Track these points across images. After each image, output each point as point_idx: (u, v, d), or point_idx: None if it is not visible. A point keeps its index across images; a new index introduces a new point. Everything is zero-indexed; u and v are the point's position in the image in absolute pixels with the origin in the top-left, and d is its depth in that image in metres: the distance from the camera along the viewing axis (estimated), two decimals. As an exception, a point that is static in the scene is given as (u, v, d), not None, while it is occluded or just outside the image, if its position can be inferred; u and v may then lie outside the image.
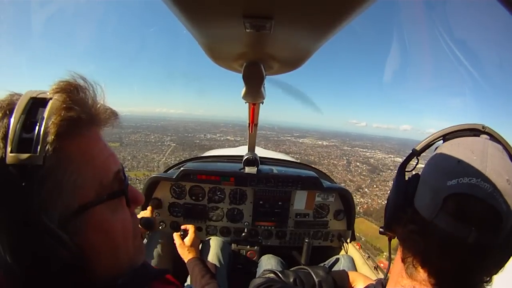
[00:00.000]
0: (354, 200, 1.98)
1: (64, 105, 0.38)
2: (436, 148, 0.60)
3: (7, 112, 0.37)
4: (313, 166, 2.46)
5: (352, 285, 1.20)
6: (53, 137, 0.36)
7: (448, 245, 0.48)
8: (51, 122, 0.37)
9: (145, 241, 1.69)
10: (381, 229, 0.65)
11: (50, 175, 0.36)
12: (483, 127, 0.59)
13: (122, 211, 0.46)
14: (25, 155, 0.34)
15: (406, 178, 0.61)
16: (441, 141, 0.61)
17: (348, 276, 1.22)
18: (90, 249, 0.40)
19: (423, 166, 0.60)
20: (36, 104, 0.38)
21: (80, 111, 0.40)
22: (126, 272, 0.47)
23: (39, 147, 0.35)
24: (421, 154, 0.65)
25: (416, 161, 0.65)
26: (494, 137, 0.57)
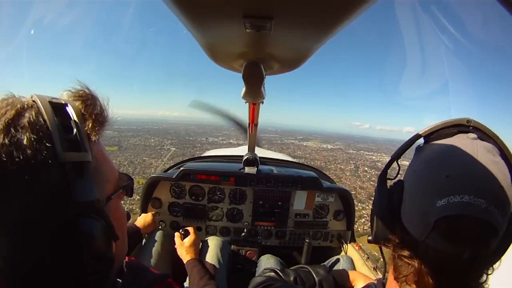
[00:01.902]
0: (366, 210, 1.97)
1: (89, 111, 0.44)
2: (418, 148, 0.56)
3: (37, 116, 0.39)
4: (313, 166, 2.46)
5: (353, 284, 1.20)
6: (92, 138, 0.43)
7: (443, 264, 0.46)
8: (86, 125, 0.43)
9: (144, 241, 1.69)
10: (369, 239, 0.62)
11: (95, 169, 0.43)
12: (468, 121, 0.54)
13: (120, 203, 0.53)
14: (76, 154, 0.40)
15: (389, 187, 0.56)
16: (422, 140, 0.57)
17: (348, 275, 1.22)
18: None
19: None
20: (58, 108, 0.42)
21: (101, 117, 0.46)
22: (122, 260, 0.54)
23: (84, 147, 0.41)
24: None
25: (398, 168, 0.60)
26: (481, 131, 0.53)
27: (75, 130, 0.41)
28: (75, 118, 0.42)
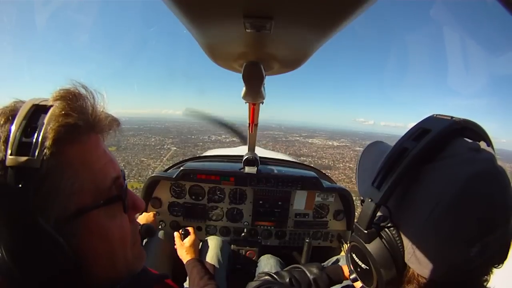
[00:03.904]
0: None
1: (63, 112, 0.39)
2: (412, 175, 0.42)
3: (10, 118, 0.39)
4: (313, 166, 2.45)
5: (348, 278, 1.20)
6: (50, 142, 0.37)
7: None
8: (49, 127, 0.38)
9: (145, 241, 1.69)
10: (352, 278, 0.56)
11: (47, 179, 0.37)
12: (458, 122, 0.43)
13: (120, 217, 0.46)
14: (23, 158, 0.36)
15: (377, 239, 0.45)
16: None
17: (342, 270, 1.21)
18: (87, 254, 0.41)
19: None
20: (38, 111, 0.40)
21: (77, 117, 0.40)
22: (124, 278, 0.47)
23: (37, 151, 0.37)
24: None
25: (389, 213, 0.45)
26: (476, 133, 0.44)
27: (36, 134, 0.38)
28: (45, 121, 0.38)
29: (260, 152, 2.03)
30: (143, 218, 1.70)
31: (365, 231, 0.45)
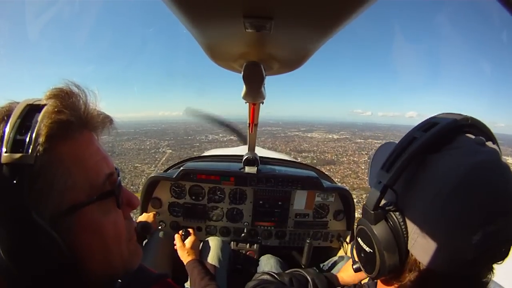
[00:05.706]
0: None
1: (55, 109, 0.40)
2: (420, 164, 0.44)
3: (5, 118, 0.40)
4: (313, 166, 2.45)
5: (342, 283, 1.19)
6: (43, 138, 0.38)
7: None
8: (42, 124, 0.39)
9: (145, 241, 1.69)
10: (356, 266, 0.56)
11: (41, 175, 0.38)
12: (466, 119, 0.45)
13: (115, 213, 0.46)
14: (17, 155, 0.37)
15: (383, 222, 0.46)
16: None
17: (337, 279, 1.21)
18: (81, 250, 0.42)
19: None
20: (32, 110, 0.41)
21: (70, 114, 0.41)
22: (121, 275, 0.47)
23: (30, 148, 0.37)
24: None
25: (396, 196, 0.47)
26: (482, 131, 0.46)
27: (30, 131, 0.39)
28: (38, 118, 0.39)
29: (260, 151, 2.03)
30: (143, 218, 1.70)
31: (372, 212, 0.47)
